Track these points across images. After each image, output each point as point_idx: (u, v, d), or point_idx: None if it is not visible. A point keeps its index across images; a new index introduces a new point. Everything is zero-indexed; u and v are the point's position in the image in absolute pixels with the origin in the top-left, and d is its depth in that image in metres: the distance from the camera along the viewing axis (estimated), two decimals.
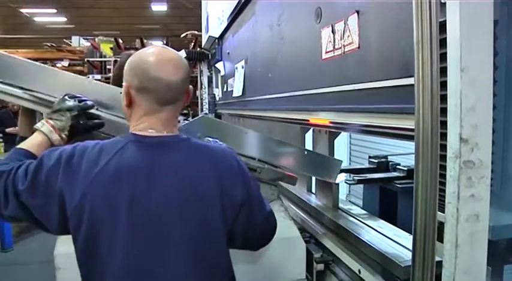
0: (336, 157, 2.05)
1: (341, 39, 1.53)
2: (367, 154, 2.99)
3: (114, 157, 1.14)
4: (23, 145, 1.36)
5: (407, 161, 2.48)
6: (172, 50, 1.24)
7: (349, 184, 2.10)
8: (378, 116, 1.36)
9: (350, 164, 4.25)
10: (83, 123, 1.49)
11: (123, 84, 1.22)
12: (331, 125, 1.77)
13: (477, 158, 0.94)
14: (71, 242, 1.20)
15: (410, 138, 1.05)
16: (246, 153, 1.69)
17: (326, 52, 1.66)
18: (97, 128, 1.53)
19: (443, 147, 0.98)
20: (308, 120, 1.97)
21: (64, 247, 1.52)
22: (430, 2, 0.92)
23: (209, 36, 4.34)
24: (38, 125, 1.42)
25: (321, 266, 1.76)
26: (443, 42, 0.97)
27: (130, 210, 1.11)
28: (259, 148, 1.77)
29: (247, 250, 1.41)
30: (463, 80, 0.92)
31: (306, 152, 1.86)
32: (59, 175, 1.14)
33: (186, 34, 6.71)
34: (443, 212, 1.00)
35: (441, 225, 1.00)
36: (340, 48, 1.55)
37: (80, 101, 1.49)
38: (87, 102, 1.51)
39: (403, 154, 2.72)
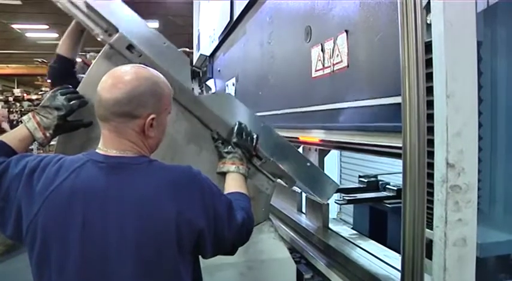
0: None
1: (330, 58, 1.56)
2: (357, 173, 3.00)
3: (70, 176, 1.10)
4: (4, 137, 1.33)
5: (398, 180, 2.49)
6: (141, 71, 1.15)
7: (339, 204, 2.10)
8: (366, 134, 1.38)
9: (341, 182, 4.26)
10: (71, 121, 1.45)
11: None
12: (320, 143, 1.78)
13: (463, 183, 0.96)
14: None
15: (399, 156, 1.05)
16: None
17: (316, 70, 1.69)
18: (85, 127, 1.48)
19: (431, 166, 1.00)
20: (298, 138, 1.98)
21: None
22: (416, 27, 0.95)
23: (200, 54, 4.38)
24: (25, 118, 1.40)
25: None
26: (429, 63, 0.99)
27: (82, 233, 1.07)
28: (269, 143, 1.73)
29: (236, 269, 1.39)
30: (448, 106, 0.94)
31: (308, 164, 1.85)
32: (20, 186, 1.13)
33: None
34: (432, 229, 1.00)
35: (430, 242, 1.00)
36: (330, 66, 1.57)
37: (71, 99, 1.44)
38: (80, 100, 1.45)
39: (393, 172, 2.74)
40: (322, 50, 1.62)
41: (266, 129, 1.73)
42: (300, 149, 2.24)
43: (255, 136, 1.56)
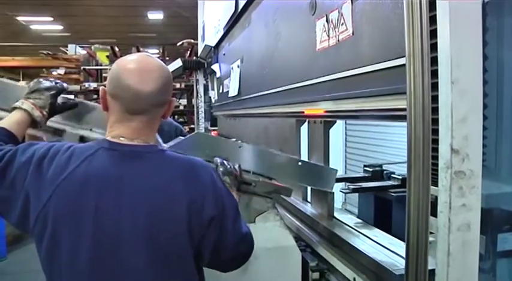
0: (331, 165, 2.07)
1: (335, 28, 1.57)
2: (362, 162, 3.01)
3: (82, 164, 1.11)
4: (1, 123, 1.33)
5: (402, 170, 2.50)
6: (155, 59, 1.20)
7: (344, 193, 2.11)
8: (371, 99, 1.38)
9: (346, 172, 4.26)
10: (61, 102, 1.52)
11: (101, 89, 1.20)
12: (326, 114, 1.79)
13: (468, 169, 0.96)
14: None
15: (403, 118, 1.06)
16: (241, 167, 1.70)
17: (321, 42, 1.70)
18: (72, 108, 1.58)
19: (435, 156, 1.00)
20: (303, 112, 1.99)
21: None
22: (421, 15, 0.95)
23: (205, 45, 4.37)
24: (18, 103, 1.41)
25: (316, 275, 1.77)
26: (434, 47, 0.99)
27: (94, 221, 1.07)
28: (254, 161, 1.78)
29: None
30: (453, 92, 0.95)
31: (300, 163, 1.88)
32: (28, 174, 1.13)
33: (182, 43, 6.72)
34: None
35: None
36: (335, 36, 1.58)
37: (56, 83, 1.52)
38: (62, 83, 1.54)
39: (397, 162, 2.74)
40: (327, 20, 1.63)
41: (245, 149, 1.78)
42: (305, 124, 2.26)
43: (236, 166, 1.56)
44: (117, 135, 1.15)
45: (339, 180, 2.15)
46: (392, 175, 2.31)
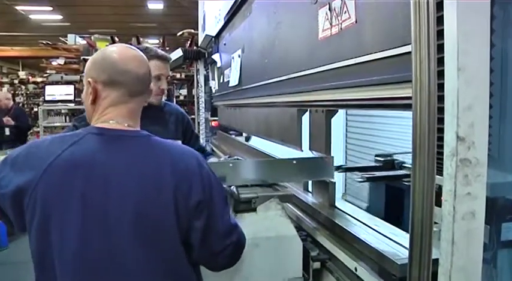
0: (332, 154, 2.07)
1: (338, 16, 1.56)
2: (363, 154, 2.99)
3: (69, 148, 1.11)
4: None
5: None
6: (133, 48, 1.30)
7: (360, 182, 2.10)
8: (375, 88, 1.37)
9: (346, 163, 4.24)
10: None
11: (86, 81, 1.21)
12: (328, 103, 1.78)
13: (473, 157, 0.95)
14: None
15: (407, 107, 1.05)
16: (236, 183, 1.72)
17: (323, 30, 1.69)
18: None
19: (440, 145, 0.99)
20: (305, 101, 1.98)
21: None
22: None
23: (206, 35, 4.34)
24: None
25: (317, 265, 1.76)
26: (440, 36, 0.97)
27: (83, 204, 1.08)
28: (249, 173, 1.81)
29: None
30: (460, 79, 0.93)
31: (294, 162, 1.88)
32: (17, 167, 1.13)
33: (183, 33, 6.68)
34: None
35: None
36: (337, 25, 1.57)
37: None
38: None
39: (408, 152, 2.72)
40: (330, 9, 1.61)
41: (237, 165, 1.80)
42: (307, 113, 2.25)
43: (233, 188, 1.62)
44: (107, 119, 1.17)
45: (348, 170, 2.18)
46: (404, 165, 2.30)
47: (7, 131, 6.67)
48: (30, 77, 15.74)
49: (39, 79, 14.99)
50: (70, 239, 1.08)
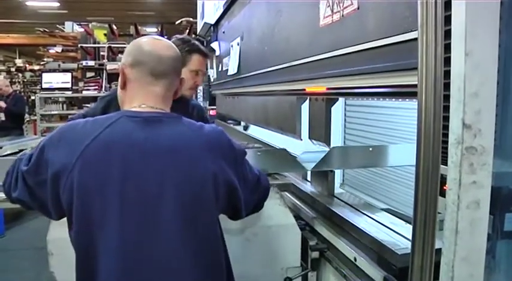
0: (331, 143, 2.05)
1: (340, 3, 1.53)
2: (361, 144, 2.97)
3: (106, 130, 1.15)
4: None
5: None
6: (164, 39, 1.34)
7: None
8: (377, 76, 1.34)
9: None
10: None
11: (120, 69, 1.27)
12: (328, 91, 1.75)
13: (479, 145, 0.92)
14: (64, 227, 1.18)
15: (411, 95, 1.02)
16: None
17: (324, 17, 1.66)
18: None
19: (445, 134, 0.97)
20: (304, 90, 1.96)
21: (57, 232, 1.50)
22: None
23: (205, 22, 4.29)
24: None
25: (316, 254, 1.75)
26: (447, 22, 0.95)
27: (122, 184, 1.11)
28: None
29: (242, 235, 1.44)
30: (467, 64, 0.90)
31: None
32: (53, 149, 1.16)
33: (181, 21, 6.62)
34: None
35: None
36: (339, 11, 1.54)
37: None
38: None
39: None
40: None
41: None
42: (307, 101, 2.22)
43: None
44: (138, 105, 1.21)
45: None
46: None
47: (2, 117, 6.66)
48: (27, 65, 15.62)
49: (36, 67, 14.87)
50: (111, 219, 1.10)
